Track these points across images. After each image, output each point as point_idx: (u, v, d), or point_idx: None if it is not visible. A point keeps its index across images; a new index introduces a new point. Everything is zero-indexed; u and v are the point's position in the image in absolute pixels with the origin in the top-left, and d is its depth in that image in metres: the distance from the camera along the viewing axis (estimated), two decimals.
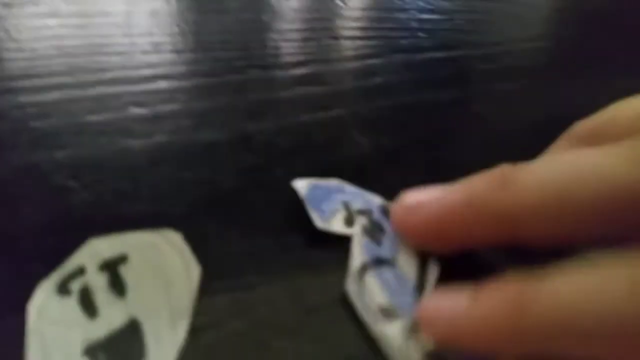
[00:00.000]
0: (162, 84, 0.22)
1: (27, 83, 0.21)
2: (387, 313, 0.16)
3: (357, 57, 0.26)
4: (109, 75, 0.22)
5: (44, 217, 0.18)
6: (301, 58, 0.25)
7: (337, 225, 0.18)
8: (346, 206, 0.19)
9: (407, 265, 0.17)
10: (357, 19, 0.28)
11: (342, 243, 0.18)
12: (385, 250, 0.17)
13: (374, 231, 0.18)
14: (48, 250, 0.17)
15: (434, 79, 0.25)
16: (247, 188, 0.19)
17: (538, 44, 0.29)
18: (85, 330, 0.15)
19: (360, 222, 0.18)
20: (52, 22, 0.24)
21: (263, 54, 0.25)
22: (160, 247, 0.16)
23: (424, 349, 0.15)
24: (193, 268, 0.16)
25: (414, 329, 0.15)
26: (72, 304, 0.15)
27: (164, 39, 0.25)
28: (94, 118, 0.20)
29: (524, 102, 0.25)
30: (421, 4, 0.29)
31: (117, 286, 0.16)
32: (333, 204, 0.19)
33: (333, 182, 0.20)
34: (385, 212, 0.19)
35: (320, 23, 0.28)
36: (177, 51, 0.24)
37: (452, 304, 0.15)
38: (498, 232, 0.15)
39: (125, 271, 0.16)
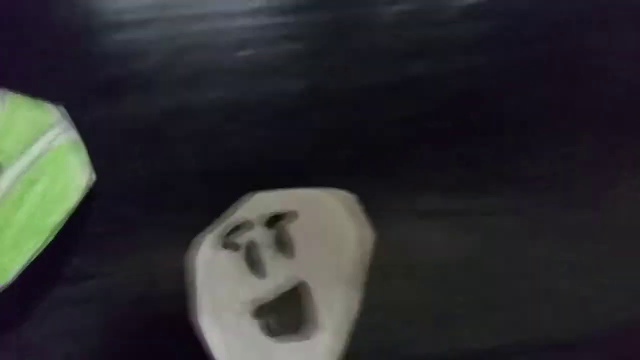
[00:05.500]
0: (311, 16, 0.20)
1: (169, 13, 0.19)
2: None
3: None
4: (254, 3, 0.20)
5: (201, 162, 0.16)
6: None
7: None
8: None
9: None
10: None
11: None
12: None
13: None
14: (206, 198, 0.16)
15: None
16: (407, 139, 0.17)
17: None
18: (253, 289, 0.14)
19: None
20: None
21: None
22: (332, 208, 0.14)
23: None
24: (366, 234, 0.14)
25: None
26: (239, 259, 0.14)
27: None
28: (243, 53, 0.18)
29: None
30: None
31: (286, 245, 0.14)
32: None
33: None
34: None
35: None
36: None
37: None
38: None
39: (294, 230, 0.15)
